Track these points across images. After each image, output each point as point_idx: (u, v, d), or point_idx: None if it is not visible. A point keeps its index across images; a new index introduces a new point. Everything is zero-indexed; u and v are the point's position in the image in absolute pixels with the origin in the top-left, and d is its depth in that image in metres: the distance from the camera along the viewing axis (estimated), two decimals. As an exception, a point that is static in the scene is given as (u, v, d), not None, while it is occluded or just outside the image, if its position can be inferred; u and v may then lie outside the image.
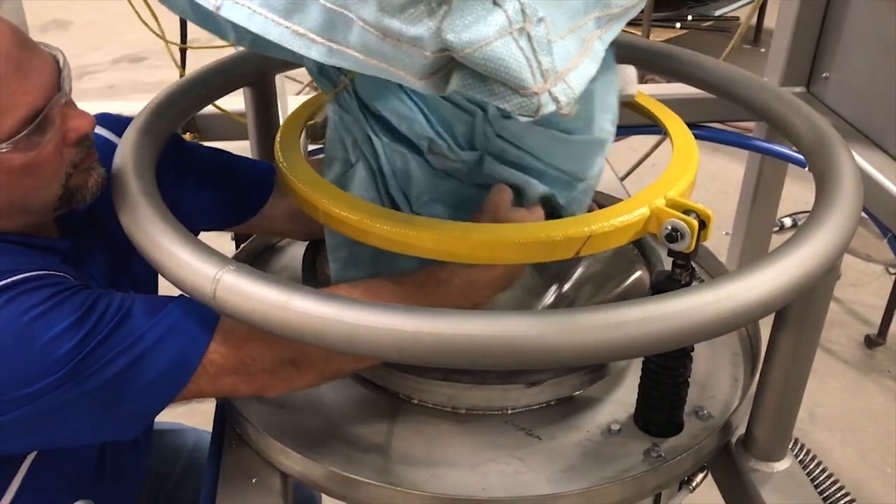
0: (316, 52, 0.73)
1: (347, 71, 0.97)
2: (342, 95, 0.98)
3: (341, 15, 0.70)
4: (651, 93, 1.21)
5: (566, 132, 0.97)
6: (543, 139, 0.97)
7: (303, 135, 1.12)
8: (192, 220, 1.15)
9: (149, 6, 1.27)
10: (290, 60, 1.06)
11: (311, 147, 1.71)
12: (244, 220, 1.22)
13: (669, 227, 0.86)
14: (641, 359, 0.99)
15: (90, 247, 1.02)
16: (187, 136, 1.84)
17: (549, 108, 0.67)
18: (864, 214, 1.22)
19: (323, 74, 0.99)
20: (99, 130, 1.02)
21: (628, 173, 2.30)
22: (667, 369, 0.96)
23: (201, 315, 0.88)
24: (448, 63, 0.68)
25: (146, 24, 1.28)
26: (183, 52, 1.80)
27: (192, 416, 1.42)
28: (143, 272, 1.07)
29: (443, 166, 0.98)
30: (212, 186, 1.18)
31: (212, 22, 0.98)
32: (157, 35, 1.30)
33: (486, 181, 0.99)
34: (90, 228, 1.03)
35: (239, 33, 1.00)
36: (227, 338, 0.88)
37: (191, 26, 1.74)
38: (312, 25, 0.72)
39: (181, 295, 0.87)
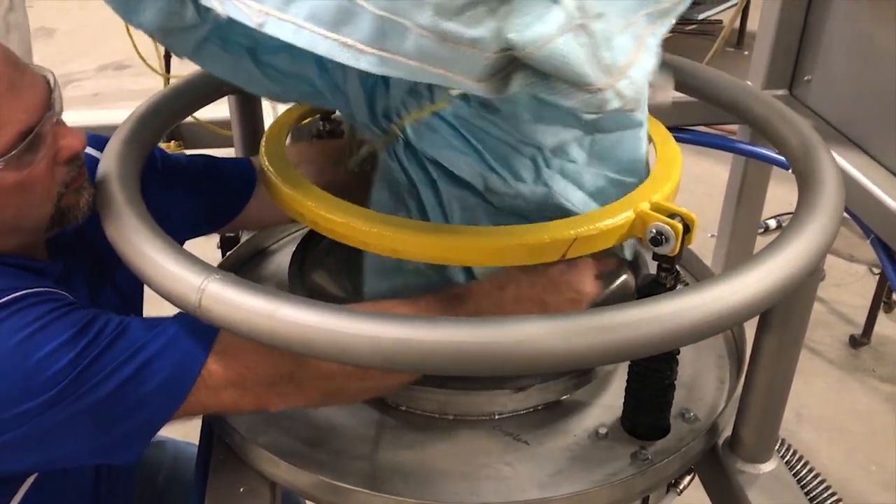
0: (366, 63, 0.71)
1: (398, 120, 0.99)
2: (393, 145, 1.00)
3: (394, 23, 0.68)
4: (635, 97, 1.21)
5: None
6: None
7: (288, 140, 1.12)
8: (181, 229, 1.15)
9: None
10: (330, 108, 1.05)
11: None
12: (231, 220, 1.22)
13: (654, 231, 0.87)
14: (627, 362, 0.99)
15: (78, 265, 1.02)
16: (172, 145, 1.84)
17: (615, 103, 0.66)
18: (846, 215, 1.23)
19: (374, 124, 1.00)
20: (89, 150, 1.02)
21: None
22: (653, 372, 0.96)
23: (200, 329, 0.87)
24: (509, 64, 0.67)
25: (129, 35, 1.28)
26: (167, 59, 1.80)
27: (171, 429, 1.41)
28: (126, 285, 1.07)
29: (501, 203, 0.97)
30: (198, 194, 1.18)
31: (252, 82, 1.01)
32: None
33: (551, 214, 0.97)
34: (78, 248, 1.03)
35: (281, 85, 1.02)
36: (226, 349, 0.87)
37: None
38: (362, 36, 0.70)
39: (179, 312, 0.87)
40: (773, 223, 3.31)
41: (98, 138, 1.11)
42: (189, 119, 1.53)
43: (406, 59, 0.69)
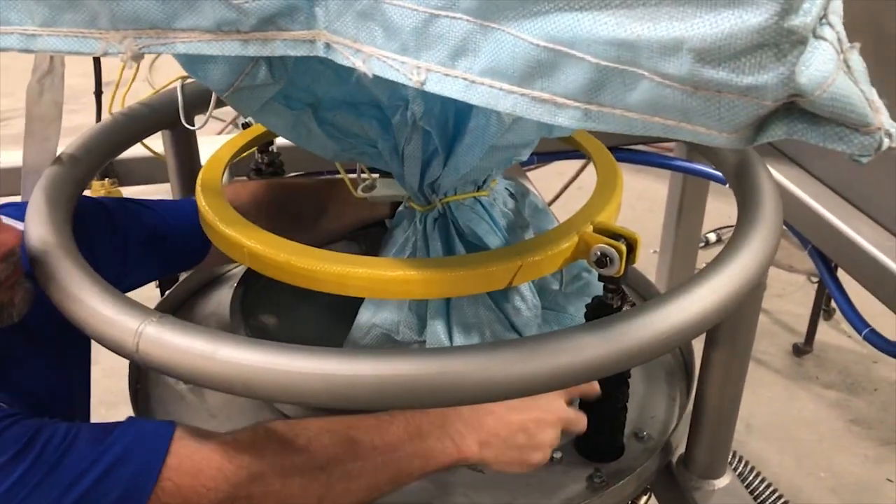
0: (565, 118, 0.62)
1: (443, 195, 1.00)
2: (430, 214, 1.01)
3: (622, 73, 0.59)
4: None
5: None
6: None
7: (225, 175, 1.10)
8: (135, 281, 1.12)
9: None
10: (384, 168, 1.04)
11: (235, 187, 1.68)
12: (187, 269, 1.19)
13: (598, 253, 0.87)
14: (579, 385, 0.99)
15: (23, 359, 0.97)
16: (106, 182, 1.79)
17: (886, 143, 0.59)
18: (784, 227, 1.25)
19: (420, 191, 1.00)
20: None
21: (555, 198, 2.33)
22: (605, 394, 0.96)
23: (151, 438, 0.83)
24: (773, 111, 0.59)
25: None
26: (98, 96, 1.76)
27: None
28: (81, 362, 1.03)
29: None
30: (155, 253, 1.14)
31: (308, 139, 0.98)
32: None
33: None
34: (17, 338, 0.96)
35: (340, 143, 1.00)
36: (181, 464, 0.82)
37: (108, 70, 1.70)
38: (568, 89, 0.61)
39: (130, 417, 0.83)
40: (713, 237, 3.37)
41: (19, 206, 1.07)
42: (123, 155, 1.49)
43: (624, 111, 0.61)
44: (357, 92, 0.94)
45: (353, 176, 1.18)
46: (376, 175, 1.16)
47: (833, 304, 2.85)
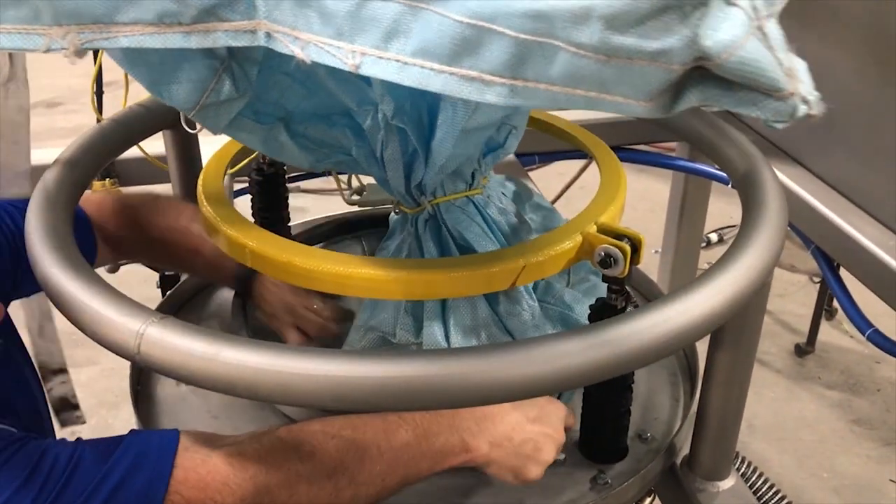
0: (493, 96, 0.63)
1: (430, 196, 0.99)
2: (420, 216, 1.00)
3: (541, 45, 0.60)
4: (573, 118, 1.22)
5: None
6: None
7: (226, 176, 1.09)
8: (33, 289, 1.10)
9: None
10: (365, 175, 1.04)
11: (236, 187, 1.68)
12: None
13: (602, 254, 0.86)
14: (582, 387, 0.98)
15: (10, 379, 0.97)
16: (107, 182, 1.79)
17: (802, 109, 0.60)
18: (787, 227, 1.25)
19: (408, 194, 0.99)
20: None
21: (557, 198, 2.33)
22: (609, 396, 0.95)
23: (158, 451, 0.82)
24: (684, 77, 0.60)
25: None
26: (100, 96, 1.75)
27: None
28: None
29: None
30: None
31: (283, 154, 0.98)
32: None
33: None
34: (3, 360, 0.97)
35: (315, 154, 0.99)
36: (188, 477, 0.82)
37: (108, 70, 1.70)
38: (491, 66, 0.62)
39: (132, 430, 0.83)
40: (714, 237, 3.37)
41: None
42: (124, 155, 1.49)
43: (548, 85, 0.62)
44: (327, 101, 0.94)
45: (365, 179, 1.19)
46: (371, 180, 1.16)
47: (835, 304, 2.85)
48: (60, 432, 1.12)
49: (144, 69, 0.81)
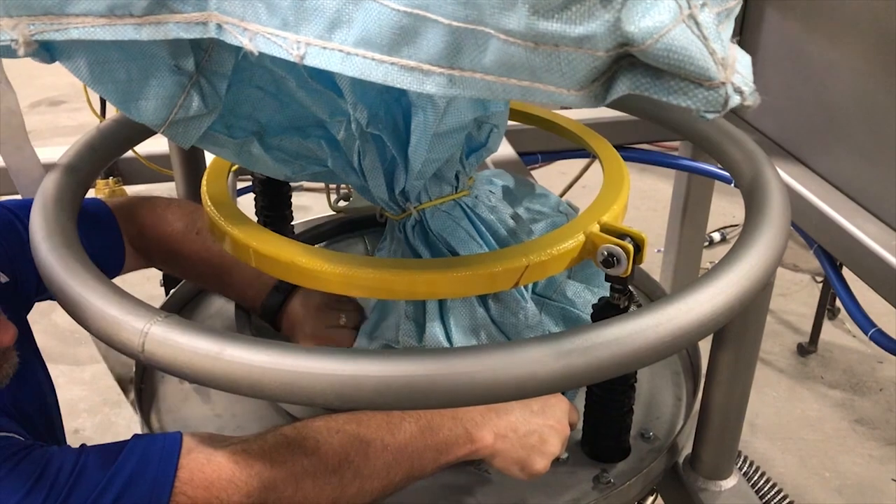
0: (432, 86, 0.63)
1: (415, 202, 0.99)
2: (407, 221, 1.00)
3: (473, 33, 0.60)
4: (576, 117, 1.22)
5: None
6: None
7: (230, 177, 1.10)
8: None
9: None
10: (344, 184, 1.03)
11: (239, 186, 1.68)
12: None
13: (605, 253, 0.86)
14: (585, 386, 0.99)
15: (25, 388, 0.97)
16: (110, 181, 1.79)
17: (735, 99, 0.59)
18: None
19: (392, 201, 0.99)
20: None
21: (560, 197, 2.32)
22: (611, 396, 0.95)
23: (162, 453, 0.82)
24: (613, 64, 0.60)
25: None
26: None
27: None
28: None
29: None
30: None
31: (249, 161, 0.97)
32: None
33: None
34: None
35: (290, 166, 0.98)
36: (193, 476, 0.82)
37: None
38: (429, 55, 0.62)
39: (135, 435, 0.83)
40: (717, 236, 3.36)
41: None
42: (128, 154, 1.49)
43: (483, 74, 0.62)
44: (300, 114, 0.94)
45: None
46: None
47: (838, 303, 2.85)
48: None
49: (111, 86, 0.81)
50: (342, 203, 1.40)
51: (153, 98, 0.81)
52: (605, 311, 0.89)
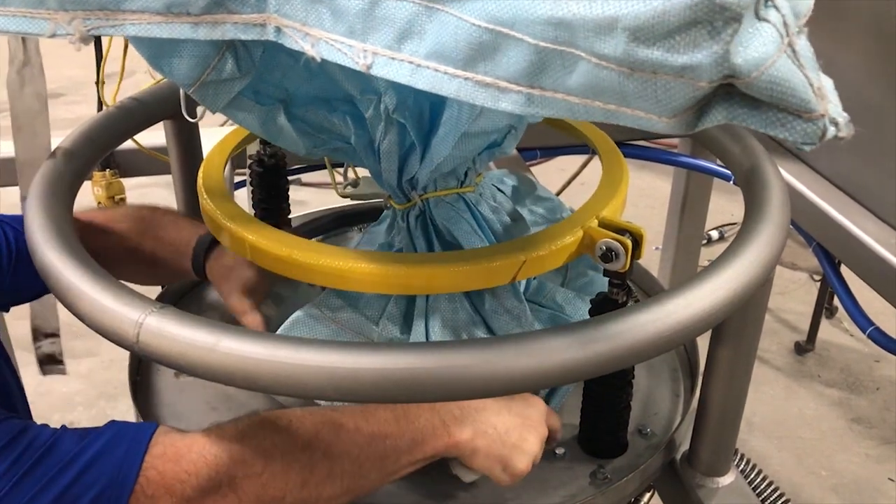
0: (508, 103, 0.61)
1: (422, 191, 0.98)
2: (411, 211, 0.99)
3: (561, 54, 0.58)
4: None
5: None
6: None
7: (227, 167, 1.09)
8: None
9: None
10: (359, 165, 1.02)
11: (236, 179, 1.68)
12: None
13: (604, 248, 0.86)
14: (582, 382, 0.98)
15: None
16: (107, 173, 1.79)
17: (832, 131, 0.57)
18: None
19: (399, 188, 0.98)
20: None
21: (558, 193, 2.32)
22: (609, 391, 0.95)
23: (133, 433, 0.82)
24: (711, 94, 0.57)
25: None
26: (100, 86, 1.75)
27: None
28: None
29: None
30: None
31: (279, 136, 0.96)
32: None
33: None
34: None
35: (312, 140, 0.98)
36: (165, 452, 0.82)
37: (108, 60, 1.70)
38: (509, 73, 0.60)
39: (112, 420, 0.83)
40: (715, 234, 3.36)
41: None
42: (125, 146, 1.49)
43: (566, 95, 0.60)
44: (329, 87, 0.92)
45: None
46: (365, 173, 1.14)
47: (835, 302, 2.85)
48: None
49: (146, 41, 0.79)
50: (349, 189, 1.39)
51: (187, 57, 0.80)
52: (603, 306, 0.89)
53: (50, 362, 1.71)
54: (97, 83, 1.72)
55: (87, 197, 1.73)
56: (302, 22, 0.67)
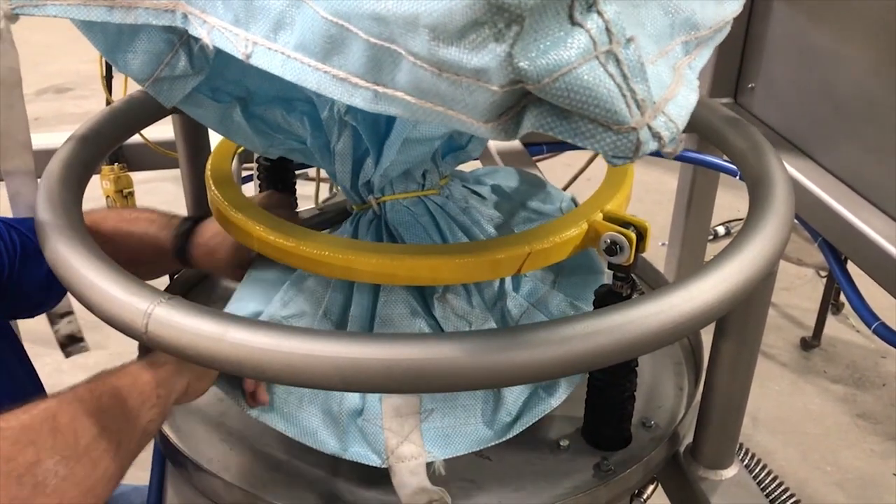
0: (360, 99, 0.61)
1: (378, 193, 0.98)
2: (364, 215, 0.99)
3: (387, 50, 0.57)
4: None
5: None
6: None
7: (234, 161, 1.10)
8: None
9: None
10: (317, 166, 1.03)
11: (244, 174, 1.69)
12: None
13: (608, 241, 0.86)
14: (586, 374, 0.99)
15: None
16: (115, 167, 1.80)
17: (651, 146, 0.55)
18: (794, 220, 1.25)
19: (354, 191, 0.98)
20: None
21: (564, 188, 2.32)
22: (613, 383, 0.96)
23: None
24: (521, 99, 0.55)
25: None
26: (109, 80, 1.76)
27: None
28: None
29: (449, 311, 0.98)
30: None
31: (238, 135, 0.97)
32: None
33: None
34: None
35: (269, 139, 0.98)
36: None
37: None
38: (355, 67, 0.60)
39: None
40: (721, 230, 3.35)
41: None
42: (133, 139, 1.50)
43: (403, 94, 0.59)
44: (289, 86, 0.92)
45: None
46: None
47: (841, 298, 2.85)
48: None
49: (101, 35, 0.81)
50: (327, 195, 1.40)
51: (140, 53, 0.82)
52: (607, 299, 0.89)
53: (71, 343, 1.72)
54: (104, 77, 1.73)
55: (96, 191, 1.75)
56: (201, 9, 0.70)
